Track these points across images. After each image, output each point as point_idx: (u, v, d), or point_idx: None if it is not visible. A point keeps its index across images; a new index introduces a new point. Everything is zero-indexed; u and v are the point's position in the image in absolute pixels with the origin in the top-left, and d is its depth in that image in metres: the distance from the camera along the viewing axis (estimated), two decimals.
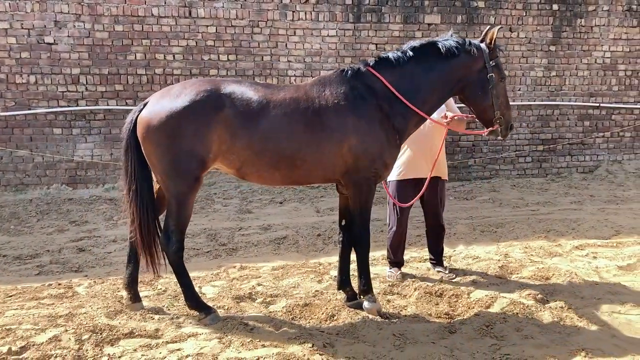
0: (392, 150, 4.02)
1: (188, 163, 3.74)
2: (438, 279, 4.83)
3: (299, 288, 4.62)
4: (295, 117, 3.81)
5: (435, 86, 4.03)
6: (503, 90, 4.12)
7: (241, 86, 3.89)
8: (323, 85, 3.97)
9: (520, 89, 10.00)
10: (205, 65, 8.78)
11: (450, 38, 4.05)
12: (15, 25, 8.16)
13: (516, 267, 5.11)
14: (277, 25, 8.92)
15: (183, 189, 3.81)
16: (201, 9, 8.64)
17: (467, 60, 3.99)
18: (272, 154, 3.80)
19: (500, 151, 10.07)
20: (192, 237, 6.32)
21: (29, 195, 8.31)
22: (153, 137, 3.75)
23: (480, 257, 5.45)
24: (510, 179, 9.87)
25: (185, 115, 3.69)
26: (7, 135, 8.37)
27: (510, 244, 5.93)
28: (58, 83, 8.41)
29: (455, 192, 8.86)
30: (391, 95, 3.95)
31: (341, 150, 3.86)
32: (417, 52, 4.02)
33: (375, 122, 3.91)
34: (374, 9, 9.26)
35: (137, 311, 4.13)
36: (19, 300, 4.47)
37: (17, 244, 6.12)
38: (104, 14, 8.39)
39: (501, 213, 7.40)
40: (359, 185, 3.96)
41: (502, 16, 9.72)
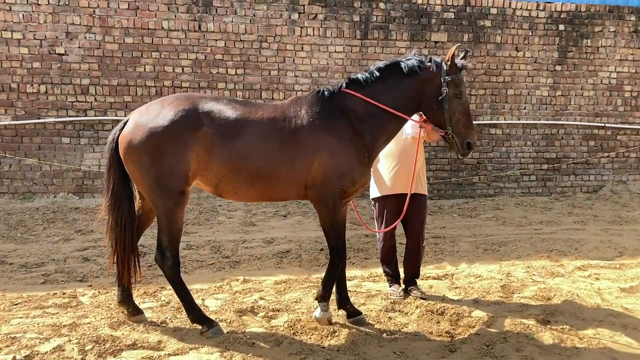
0: (361, 168, 4.09)
1: (171, 180, 3.82)
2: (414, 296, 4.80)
3: (301, 303, 4.65)
4: (272, 136, 3.92)
5: (401, 102, 4.13)
6: (460, 107, 4.06)
7: (219, 104, 3.97)
8: (299, 105, 4.10)
9: (525, 108, 10.05)
10: (213, 79, 8.88)
11: (413, 57, 4.17)
12: (28, 35, 8.29)
13: (518, 287, 5.12)
14: (285, 40, 9.02)
15: (170, 205, 3.89)
16: (211, 23, 8.75)
17: (426, 77, 4.11)
18: (248, 172, 3.90)
19: (505, 169, 10.10)
20: (196, 249, 6.37)
21: (35, 203, 8.39)
22: (134, 156, 3.85)
23: (482, 275, 5.47)
24: (514, 197, 9.89)
25: (164, 135, 3.78)
26: (17, 144, 8.47)
27: (513, 263, 5.95)
28: (68, 93, 8.52)
29: (459, 209, 8.88)
30: (363, 114, 4.09)
31: (311, 166, 3.96)
32: (383, 72, 4.17)
33: (346, 139, 4.02)
34: (381, 26, 9.35)
35: (141, 323, 4.19)
36: (24, 308, 4.52)
37: (24, 252, 6.18)
38: (115, 26, 8.51)
39: (504, 231, 7.42)
40: (325, 201, 4.05)
41: (509, 35, 9.79)
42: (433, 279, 5.37)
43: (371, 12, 9.29)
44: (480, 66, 9.78)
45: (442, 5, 9.50)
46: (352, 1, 9.20)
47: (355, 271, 5.62)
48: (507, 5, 9.73)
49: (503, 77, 9.91)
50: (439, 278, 5.42)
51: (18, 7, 8.22)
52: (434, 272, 5.61)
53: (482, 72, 9.81)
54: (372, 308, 4.58)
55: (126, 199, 4.11)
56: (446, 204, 9.23)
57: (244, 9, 8.84)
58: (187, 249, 6.39)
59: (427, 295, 4.86)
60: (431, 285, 5.19)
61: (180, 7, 8.66)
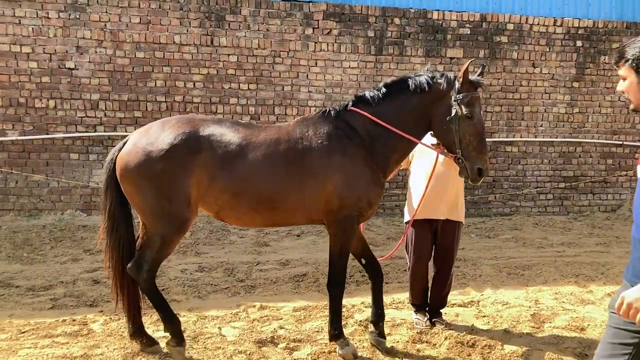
0: (377, 189, 3.94)
1: (172, 206, 3.71)
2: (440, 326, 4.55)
3: (323, 333, 4.42)
4: (276, 158, 3.77)
5: (410, 121, 3.92)
6: (472, 128, 3.75)
7: (221, 127, 3.84)
8: (306, 126, 3.94)
9: (542, 125, 9.85)
10: (225, 94, 8.70)
11: (424, 73, 3.94)
12: (38, 49, 8.14)
13: (548, 316, 4.89)
14: (299, 55, 8.86)
15: (170, 230, 3.78)
16: (223, 38, 8.59)
17: (436, 94, 3.86)
18: (251, 197, 3.77)
19: (521, 187, 9.87)
20: (209, 272, 6.15)
21: (42, 220, 8.19)
22: (131, 178, 3.75)
23: (510, 303, 5.24)
24: (531, 217, 9.66)
25: (163, 159, 3.67)
26: (24, 160, 8.29)
27: (540, 288, 5.71)
28: (77, 108, 8.35)
29: (476, 229, 8.65)
30: (373, 133, 3.90)
31: (325, 190, 3.80)
32: (391, 89, 3.97)
33: (360, 160, 3.86)
34: (396, 42, 9.19)
35: (157, 353, 3.99)
36: (32, 337, 4.30)
37: (31, 273, 5.96)
38: (126, 40, 8.36)
39: (526, 254, 7.18)
40: (342, 224, 3.89)
41: (525, 51, 9.62)
42: (459, 307, 5.14)
43: (386, 27, 9.13)
44: (497, 82, 9.59)
45: (457, 21, 9.34)
46: (367, 16, 9.04)
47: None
48: (523, 21, 9.57)
49: (519, 94, 9.72)
50: (464, 305, 5.18)
51: (27, 21, 8.08)
52: (459, 298, 5.38)
53: (498, 89, 9.62)
54: (399, 339, 4.34)
55: (124, 221, 3.98)
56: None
57: (257, 23, 8.68)
58: (200, 271, 6.17)
59: (454, 325, 4.62)
60: (457, 313, 4.95)
61: (192, 22, 8.51)
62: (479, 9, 9.49)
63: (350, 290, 5.61)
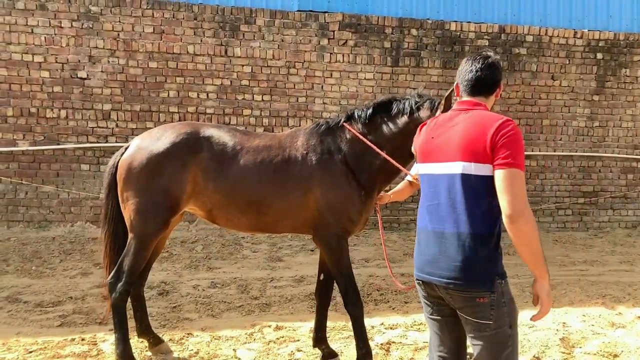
0: (357, 206, 3.87)
1: (161, 204, 3.82)
2: None
3: (343, 357, 4.21)
4: (265, 164, 3.88)
5: (397, 142, 3.84)
6: None
7: (220, 131, 4.02)
8: (296, 136, 4.03)
9: (561, 139, 9.63)
10: (239, 105, 8.56)
11: (411, 97, 3.88)
12: (50, 59, 8.04)
13: (578, 340, 4.65)
14: (314, 66, 8.71)
15: (150, 230, 3.87)
16: (237, 48, 8.46)
17: (421, 120, 3.70)
18: (240, 199, 3.86)
19: (540, 202, 9.64)
20: (221, 288, 5.96)
21: (52, 232, 8.04)
22: (132, 177, 3.86)
23: (536, 325, 4.99)
24: (550, 232, 9.41)
25: (165, 156, 3.83)
26: (34, 170, 8.16)
27: (566, 310, 5.47)
28: (89, 118, 8.22)
29: None
30: (358, 151, 3.88)
31: (307, 201, 3.85)
32: (379, 109, 3.94)
33: (340, 176, 3.87)
34: (413, 53, 9.02)
35: (164, 353, 4.13)
36: (39, 357, 4.13)
37: (39, 288, 5.80)
38: (139, 50, 8.24)
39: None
40: (328, 242, 3.88)
41: (544, 64, 9.43)
42: None
43: (402, 38, 8.97)
44: (515, 95, 9.40)
45: (475, 32, 9.17)
46: (384, 27, 8.89)
47: (396, 318, 5.16)
48: (543, 32, 9.38)
49: (538, 107, 9.51)
50: None
51: (40, 30, 7.98)
52: None
53: (516, 102, 9.42)
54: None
55: (123, 225, 4.03)
56: None
57: (272, 34, 8.55)
58: (212, 287, 5.98)
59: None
60: None
61: (206, 32, 8.39)
62: (497, 20, 9.32)
63: (368, 310, 5.39)
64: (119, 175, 3.93)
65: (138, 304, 4.25)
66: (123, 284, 3.88)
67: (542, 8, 9.50)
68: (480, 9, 9.30)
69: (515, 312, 2.40)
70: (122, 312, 3.91)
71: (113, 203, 4.05)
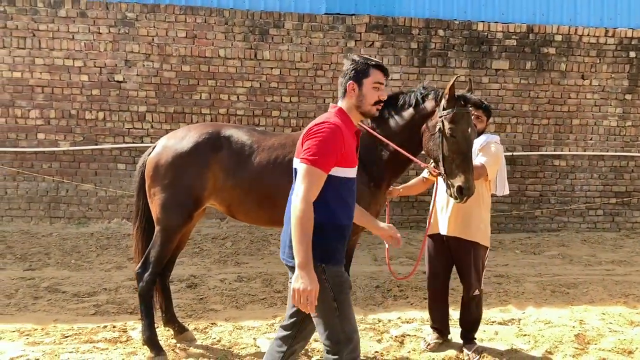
0: (367, 197, 3.98)
1: (185, 199, 4.08)
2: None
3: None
4: (279, 160, 4.08)
5: (405, 135, 3.96)
6: (455, 146, 3.67)
7: (238, 131, 4.25)
8: None
9: (592, 139, 9.54)
10: (267, 107, 8.80)
11: (417, 89, 3.98)
12: (89, 63, 8.45)
13: (594, 337, 4.70)
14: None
15: (174, 224, 4.12)
16: (267, 52, 8.71)
17: (427, 110, 3.87)
18: (257, 194, 4.09)
19: (570, 203, 9.57)
20: (247, 282, 6.20)
21: (90, 228, 8.45)
22: (158, 174, 4.13)
23: (552, 322, 5.06)
24: (580, 233, 9.34)
25: (188, 155, 4.08)
26: (74, 169, 8.59)
27: (586, 308, 5.50)
28: (125, 120, 8.60)
29: (521, 244, 8.43)
30: (369, 144, 3.99)
31: None
32: (388, 102, 3.94)
33: None
34: (440, 54, 9.10)
35: (188, 341, 4.39)
36: (74, 342, 4.43)
37: (77, 279, 6.14)
38: (172, 54, 8.57)
39: (572, 271, 6.93)
40: None
41: (574, 63, 9.36)
42: (499, 324, 5.00)
43: (429, 39, 9.06)
44: (544, 95, 9.36)
45: (503, 32, 9.18)
46: (410, 28, 9.00)
47: (413, 312, 5.30)
48: (572, 32, 9.32)
49: (568, 107, 9.45)
50: (504, 323, 5.04)
51: (80, 36, 8.40)
52: (499, 316, 5.23)
53: (545, 101, 9.38)
54: (440, 357, 4.25)
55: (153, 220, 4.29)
56: (507, 239, 8.78)
57: (300, 37, 8.76)
58: (239, 281, 6.22)
59: (491, 343, 4.49)
60: (497, 331, 4.82)
61: (237, 36, 8.66)
62: (525, 20, 9.30)
63: (387, 305, 5.55)
64: (147, 173, 4.21)
65: (164, 294, 4.52)
66: (149, 274, 4.16)
67: (572, 7, 9.43)
68: (508, 9, 9.29)
69: (339, 287, 2.69)
70: (148, 300, 4.18)
71: (143, 199, 4.33)
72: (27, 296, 5.53)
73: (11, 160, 8.45)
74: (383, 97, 2.87)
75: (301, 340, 2.93)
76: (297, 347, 2.94)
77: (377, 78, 2.84)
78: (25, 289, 5.74)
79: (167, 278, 4.56)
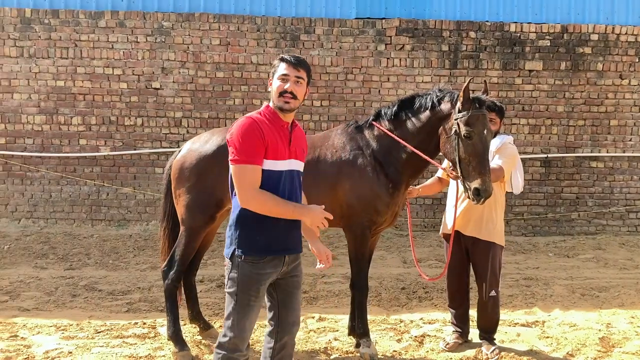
0: (385, 199, 4.14)
1: (208, 200, 4.20)
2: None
3: (377, 347, 4.44)
4: None
5: (421, 137, 4.05)
6: (470, 148, 3.73)
7: None
8: (328, 137, 4.39)
9: (631, 139, 9.30)
10: (299, 110, 8.87)
11: (433, 91, 4.05)
12: (127, 71, 8.79)
13: (619, 340, 4.63)
14: (371, 72, 8.95)
15: (198, 224, 4.27)
16: None
17: (443, 113, 3.95)
18: None
19: (608, 205, 9.35)
20: None
21: (129, 230, 8.77)
22: (183, 176, 4.27)
23: (578, 325, 5.00)
24: (618, 236, 9.11)
25: (212, 157, 4.20)
26: (114, 174, 8.93)
27: (615, 311, 5.40)
28: (162, 125, 8.90)
29: (555, 247, 8.29)
30: (386, 146, 4.13)
31: (336, 195, 4.17)
32: (404, 106, 4.16)
33: (368, 171, 4.14)
34: (472, 55, 9.06)
35: (213, 337, 4.47)
36: (106, 337, 4.65)
37: (113, 279, 6.41)
38: (207, 61, 8.83)
39: (606, 275, 6.80)
40: (354, 231, 4.23)
41: (611, 62, 9.15)
42: (521, 326, 4.97)
43: (461, 41, 9.03)
44: (579, 95, 9.18)
45: (536, 33, 9.06)
46: (441, 31, 9.00)
47: (436, 314, 5.32)
48: (609, 30, 9.12)
49: (605, 107, 9.24)
50: (528, 325, 5.01)
51: (119, 45, 8.75)
52: (524, 318, 5.20)
53: (581, 102, 9.20)
54: (458, 357, 4.27)
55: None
56: (541, 242, 8.65)
57: (331, 41, 8.88)
58: None
59: (511, 344, 4.48)
60: (519, 333, 4.80)
61: (269, 42, 8.85)
62: (560, 20, 9.17)
63: (411, 306, 5.59)
64: (173, 175, 4.39)
65: (189, 292, 4.69)
66: (175, 272, 4.33)
67: (608, 6, 9.24)
68: (542, 9, 9.18)
69: (245, 285, 2.82)
70: (173, 297, 4.35)
71: (170, 201, 4.52)
72: (65, 294, 5.82)
73: (55, 165, 8.86)
74: (289, 89, 2.84)
75: (286, 333, 3.00)
76: (286, 341, 3.01)
77: (282, 70, 2.87)
78: (65, 287, 6.04)
79: (193, 276, 4.73)
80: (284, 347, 3.01)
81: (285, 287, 2.98)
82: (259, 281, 2.82)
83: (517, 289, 6.10)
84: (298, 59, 2.92)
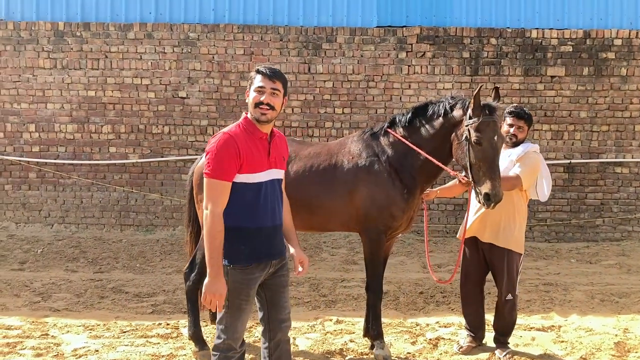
0: (400, 204, 4.26)
1: None
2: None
3: (391, 349, 4.54)
4: (314, 169, 4.39)
5: (435, 143, 4.17)
6: (481, 154, 3.84)
7: None
8: (344, 144, 4.53)
9: None
10: (321, 118, 9.11)
11: (445, 99, 4.16)
12: (155, 81, 9.08)
13: (635, 345, 4.64)
14: (392, 79, 9.06)
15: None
16: (320, 65, 9.03)
17: (455, 119, 4.06)
18: (293, 200, 4.19)
19: (634, 211, 9.24)
20: (296, 286, 6.47)
21: (156, 235, 9.03)
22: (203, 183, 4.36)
23: (594, 330, 5.02)
24: None
25: None
26: (142, 180, 9.22)
27: (633, 317, 5.39)
28: (188, 133, 9.16)
29: (577, 254, 8.25)
30: (401, 152, 4.26)
31: (352, 201, 4.30)
32: (418, 113, 4.29)
33: (383, 177, 4.26)
34: (493, 62, 9.10)
35: None
36: (130, 336, 4.86)
37: (139, 282, 6.64)
38: (231, 70, 9.06)
39: (627, 281, 6.76)
40: (369, 235, 4.35)
41: (636, 67, 9.08)
42: (537, 330, 5.02)
43: (482, 48, 9.08)
44: (603, 101, 9.13)
45: (558, 39, 9.05)
46: (462, 38, 9.06)
47: (452, 318, 5.39)
48: (633, 35, 9.05)
49: (630, 112, 9.16)
50: (543, 329, 5.05)
51: (147, 56, 9.05)
52: (540, 322, 5.24)
53: (605, 107, 9.14)
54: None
55: None
56: (564, 248, 8.61)
57: (352, 50, 9.03)
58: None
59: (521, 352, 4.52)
60: (534, 337, 4.85)
61: (291, 51, 9.05)
62: (582, 25, 9.14)
63: (428, 310, 5.67)
64: (194, 181, 4.54)
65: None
66: (195, 274, 4.50)
67: (632, 10, 9.18)
68: (564, 15, 9.17)
69: (236, 291, 2.93)
70: (194, 298, 4.50)
71: (193, 206, 4.68)
72: (94, 295, 6.07)
73: (86, 172, 9.19)
74: (265, 100, 2.91)
75: (277, 332, 3.12)
76: (280, 338, 3.13)
77: (258, 82, 2.94)
78: (93, 289, 6.29)
79: None
80: (279, 345, 3.13)
81: (272, 286, 3.11)
82: (248, 285, 2.97)
83: (535, 294, 6.12)
84: (274, 71, 2.99)
